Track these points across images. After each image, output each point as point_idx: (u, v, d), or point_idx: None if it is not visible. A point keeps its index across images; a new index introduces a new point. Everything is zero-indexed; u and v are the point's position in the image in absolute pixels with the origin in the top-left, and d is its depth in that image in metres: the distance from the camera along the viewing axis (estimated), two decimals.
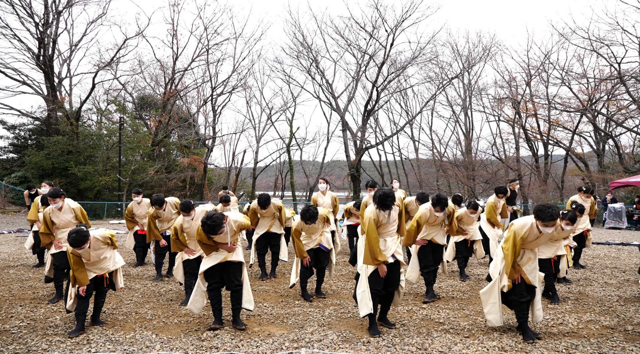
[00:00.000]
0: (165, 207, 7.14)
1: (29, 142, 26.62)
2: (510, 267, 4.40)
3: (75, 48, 26.74)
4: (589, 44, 25.40)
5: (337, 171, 40.97)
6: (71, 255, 4.59)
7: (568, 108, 28.26)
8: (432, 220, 5.95)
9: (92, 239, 4.65)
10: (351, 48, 30.71)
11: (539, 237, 4.39)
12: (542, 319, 4.65)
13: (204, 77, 28.97)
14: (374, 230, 4.45)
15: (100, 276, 4.79)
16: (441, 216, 5.90)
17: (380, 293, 4.57)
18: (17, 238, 12.85)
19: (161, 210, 7.11)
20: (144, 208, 8.07)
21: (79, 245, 4.45)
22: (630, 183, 18.24)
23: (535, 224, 4.32)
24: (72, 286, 4.66)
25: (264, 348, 4.14)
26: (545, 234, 4.34)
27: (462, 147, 33.74)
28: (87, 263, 4.71)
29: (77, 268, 4.60)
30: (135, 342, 4.29)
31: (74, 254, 4.58)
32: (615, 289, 6.63)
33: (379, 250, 4.42)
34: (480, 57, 31.53)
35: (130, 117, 27.54)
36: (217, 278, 4.72)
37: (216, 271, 4.72)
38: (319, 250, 6.05)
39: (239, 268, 4.77)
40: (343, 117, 31.13)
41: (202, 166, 27.74)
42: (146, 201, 8.11)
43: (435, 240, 6.06)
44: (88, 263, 4.72)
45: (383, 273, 4.48)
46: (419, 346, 4.20)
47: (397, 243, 4.63)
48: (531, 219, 4.38)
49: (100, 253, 4.75)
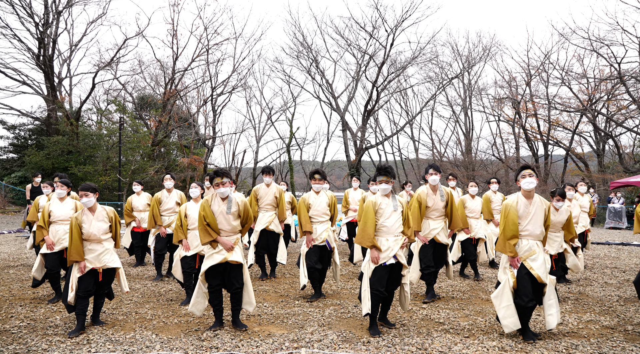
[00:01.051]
0: (171, 193, 7.25)
1: (29, 142, 26.62)
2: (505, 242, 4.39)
3: (75, 48, 26.74)
4: (589, 44, 25.40)
5: (337, 171, 40.94)
6: (74, 225, 4.59)
7: (568, 108, 28.25)
8: (430, 202, 5.78)
9: (98, 206, 4.73)
10: (351, 48, 30.73)
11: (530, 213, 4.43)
12: (554, 327, 4.39)
13: (204, 77, 28.96)
14: (372, 211, 4.54)
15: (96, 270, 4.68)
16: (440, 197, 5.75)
17: (382, 294, 4.52)
18: (17, 238, 12.85)
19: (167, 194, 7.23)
20: (143, 200, 8.08)
21: (89, 190, 4.58)
22: (630, 183, 18.23)
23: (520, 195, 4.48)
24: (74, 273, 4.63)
25: (264, 348, 4.14)
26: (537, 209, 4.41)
27: (462, 147, 33.75)
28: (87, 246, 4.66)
29: (75, 241, 4.57)
30: (135, 342, 4.29)
31: (77, 224, 4.60)
32: (615, 289, 6.64)
33: (372, 232, 4.50)
34: (480, 57, 31.53)
35: (130, 117, 27.54)
36: (218, 280, 4.68)
37: (217, 272, 4.67)
38: (324, 248, 5.99)
39: (239, 270, 4.72)
40: (343, 117, 31.13)
41: (202, 166, 27.72)
42: (146, 195, 8.13)
43: (438, 239, 5.84)
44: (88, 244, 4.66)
45: (375, 259, 4.48)
46: (419, 346, 4.20)
47: (399, 244, 4.58)
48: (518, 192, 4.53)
49: (101, 228, 4.69)
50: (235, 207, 4.62)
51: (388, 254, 4.51)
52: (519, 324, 4.30)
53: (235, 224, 4.68)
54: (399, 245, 4.57)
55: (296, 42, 31.03)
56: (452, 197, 5.87)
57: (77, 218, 4.65)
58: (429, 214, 5.86)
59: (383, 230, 4.60)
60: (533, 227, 4.43)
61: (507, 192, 31.47)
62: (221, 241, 4.60)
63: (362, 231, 4.58)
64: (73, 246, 4.60)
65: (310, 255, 5.89)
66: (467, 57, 31.73)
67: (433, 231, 5.82)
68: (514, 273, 4.39)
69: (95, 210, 4.74)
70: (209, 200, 4.66)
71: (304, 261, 5.91)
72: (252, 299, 4.78)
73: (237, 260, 4.64)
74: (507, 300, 4.36)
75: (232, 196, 4.65)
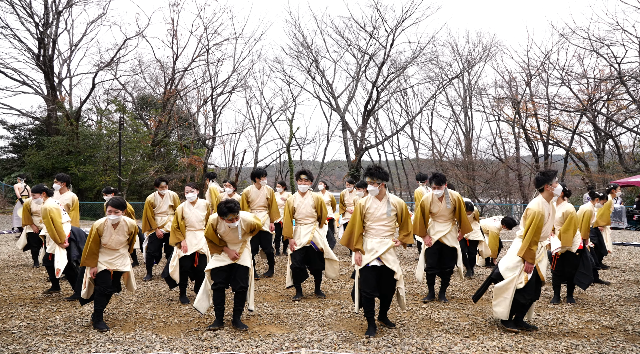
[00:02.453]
0: (164, 195, 7.15)
1: (29, 142, 26.62)
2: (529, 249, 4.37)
3: (75, 48, 26.73)
4: (589, 44, 25.38)
5: (337, 171, 40.94)
6: (93, 234, 4.66)
7: (568, 108, 28.24)
8: (435, 208, 5.66)
9: (122, 220, 4.77)
10: (351, 48, 30.70)
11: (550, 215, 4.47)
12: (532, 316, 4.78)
13: (204, 77, 28.94)
14: (358, 213, 4.50)
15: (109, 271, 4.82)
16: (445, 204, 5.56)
17: (369, 296, 4.45)
18: (17, 238, 12.84)
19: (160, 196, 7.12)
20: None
21: (119, 207, 4.63)
22: (630, 183, 18.24)
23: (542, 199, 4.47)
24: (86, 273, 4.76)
25: (264, 348, 4.14)
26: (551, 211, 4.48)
27: (462, 147, 33.72)
28: (102, 250, 4.76)
29: (91, 248, 4.66)
30: (135, 342, 4.29)
31: (97, 234, 4.67)
32: (615, 289, 6.63)
33: (356, 235, 4.46)
34: (480, 57, 31.50)
35: (130, 117, 27.52)
36: (222, 278, 4.71)
37: (223, 270, 4.71)
38: (310, 249, 5.91)
39: (245, 271, 4.76)
40: (343, 117, 31.12)
41: (202, 166, 27.71)
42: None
43: (444, 241, 5.66)
44: (103, 249, 4.76)
45: (357, 261, 4.49)
46: (419, 346, 4.20)
47: (386, 247, 4.45)
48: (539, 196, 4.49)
49: (119, 241, 4.79)
50: (242, 232, 4.64)
51: (372, 255, 4.43)
52: (507, 317, 4.55)
53: (243, 239, 4.76)
54: (386, 247, 4.44)
55: (296, 42, 31.01)
56: (460, 203, 5.67)
57: (98, 229, 4.71)
58: (435, 218, 5.77)
59: (372, 231, 4.52)
60: (547, 230, 4.54)
61: (507, 193, 31.51)
62: (227, 251, 4.71)
63: (347, 233, 4.62)
64: (88, 252, 4.70)
65: (295, 255, 5.89)
66: (467, 57, 31.73)
67: (439, 233, 5.69)
68: (528, 277, 4.47)
69: (118, 224, 4.77)
70: (214, 225, 4.65)
71: (289, 261, 5.96)
72: (251, 302, 4.87)
73: (244, 264, 4.71)
74: (508, 294, 4.51)
75: (239, 222, 4.56)
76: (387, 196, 4.53)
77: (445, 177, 5.66)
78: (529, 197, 28.96)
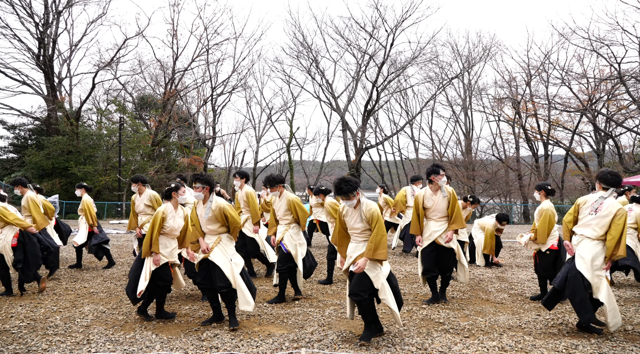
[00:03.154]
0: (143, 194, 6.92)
1: (29, 142, 26.64)
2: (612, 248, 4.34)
3: (75, 48, 26.77)
4: (589, 44, 25.40)
5: (337, 171, 40.95)
6: (158, 219, 4.81)
7: (568, 108, 28.26)
8: (429, 203, 5.54)
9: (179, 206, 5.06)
10: (351, 48, 30.74)
11: None
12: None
13: (204, 77, 28.99)
14: (339, 218, 4.53)
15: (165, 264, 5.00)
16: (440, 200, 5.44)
17: (357, 298, 4.19)
18: None
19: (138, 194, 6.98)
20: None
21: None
22: (630, 183, 18.21)
23: None
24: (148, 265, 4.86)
25: (264, 348, 4.14)
26: None
27: (462, 146, 33.75)
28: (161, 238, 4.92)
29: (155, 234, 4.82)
30: (135, 342, 4.29)
31: (162, 218, 4.85)
32: (615, 289, 6.63)
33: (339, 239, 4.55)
34: (480, 57, 31.55)
35: (130, 117, 27.55)
36: (201, 278, 4.82)
37: (202, 269, 4.84)
38: (280, 250, 5.81)
39: (221, 271, 4.65)
40: (343, 117, 31.13)
41: (202, 166, 27.73)
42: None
43: (440, 242, 5.52)
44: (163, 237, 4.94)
45: (340, 263, 4.59)
46: (419, 346, 4.20)
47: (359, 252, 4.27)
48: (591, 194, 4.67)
49: (179, 225, 5.01)
50: (210, 213, 4.76)
51: (348, 260, 4.39)
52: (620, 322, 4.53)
53: (214, 227, 4.82)
54: (359, 252, 4.28)
55: (296, 42, 31.12)
56: (454, 197, 5.58)
57: (163, 212, 4.88)
58: (430, 215, 5.60)
59: (352, 236, 4.43)
60: None
61: (507, 192, 31.50)
62: (200, 242, 4.85)
63: (333, 234, 4.77)
64: (154, 239, 4.82)
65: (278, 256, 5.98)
66: (467, 57, 31.77)
67: (434, 234, 5.53)
68: (607, 277, 4.52)
69: (177, 207, 5.05)
70: (196, 204, 4.96)
71: None
72: (248, 299, 4.67)
73: (214, 260, 4.70)
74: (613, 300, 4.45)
75: (209, 202, 4.79)
76: (361, 204, 4.29)
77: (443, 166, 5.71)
78: (529, 197, 28.98)
